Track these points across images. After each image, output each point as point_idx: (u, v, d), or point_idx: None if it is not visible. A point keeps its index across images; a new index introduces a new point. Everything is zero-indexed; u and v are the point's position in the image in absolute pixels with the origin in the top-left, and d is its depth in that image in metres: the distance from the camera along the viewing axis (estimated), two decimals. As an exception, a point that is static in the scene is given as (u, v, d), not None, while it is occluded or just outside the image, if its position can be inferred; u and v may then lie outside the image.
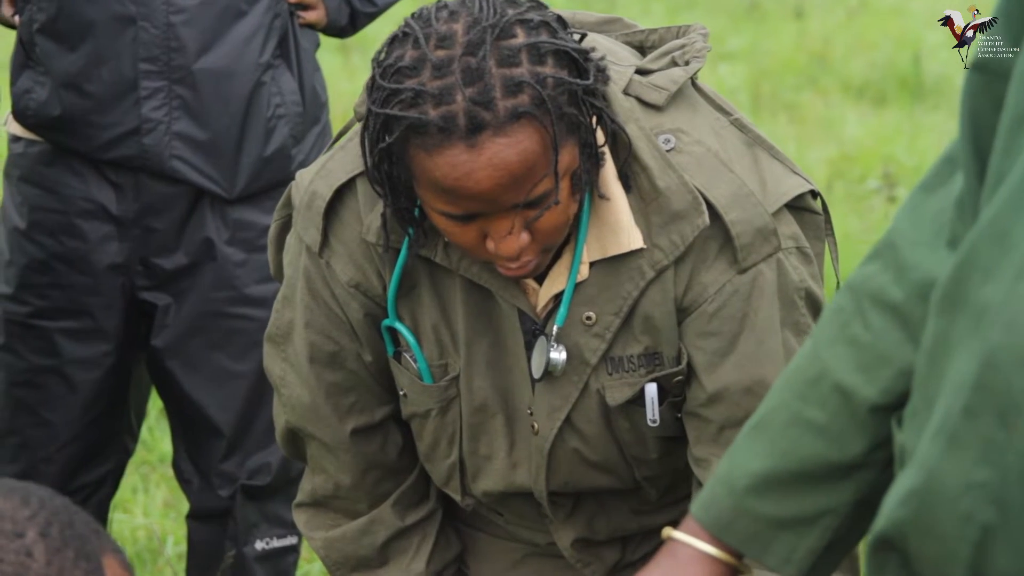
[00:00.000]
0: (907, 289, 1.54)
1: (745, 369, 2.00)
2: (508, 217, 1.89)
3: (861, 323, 1.58)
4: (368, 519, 2.23)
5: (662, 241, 1.99)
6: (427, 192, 1.89)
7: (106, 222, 2.81)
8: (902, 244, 1.56)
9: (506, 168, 1.84)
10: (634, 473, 2.12)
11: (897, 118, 6.47)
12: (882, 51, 7.17)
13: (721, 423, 2.02)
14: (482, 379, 2.09)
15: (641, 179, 1.99)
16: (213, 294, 2.86)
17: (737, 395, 2.01)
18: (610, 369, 2.04)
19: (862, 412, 1.57)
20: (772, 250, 2.00)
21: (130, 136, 2.74)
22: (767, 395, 1.69)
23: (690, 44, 2.07)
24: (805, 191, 2.04)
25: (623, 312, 2.01)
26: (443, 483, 2.20)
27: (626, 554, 2.24)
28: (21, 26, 2.80)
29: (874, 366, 1.57)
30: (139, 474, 3.86)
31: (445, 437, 2.14)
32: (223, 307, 2.87)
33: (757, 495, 1.64)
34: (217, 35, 2.71)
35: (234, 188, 2.81)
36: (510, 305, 2.04)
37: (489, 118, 1.82)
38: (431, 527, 2.26)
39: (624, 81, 2.02)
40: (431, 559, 2.25)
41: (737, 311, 2.00)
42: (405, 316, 2.09)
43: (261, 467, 2.96)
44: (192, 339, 2.88)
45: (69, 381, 2.88)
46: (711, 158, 2.02)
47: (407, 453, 2.23)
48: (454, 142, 1.83)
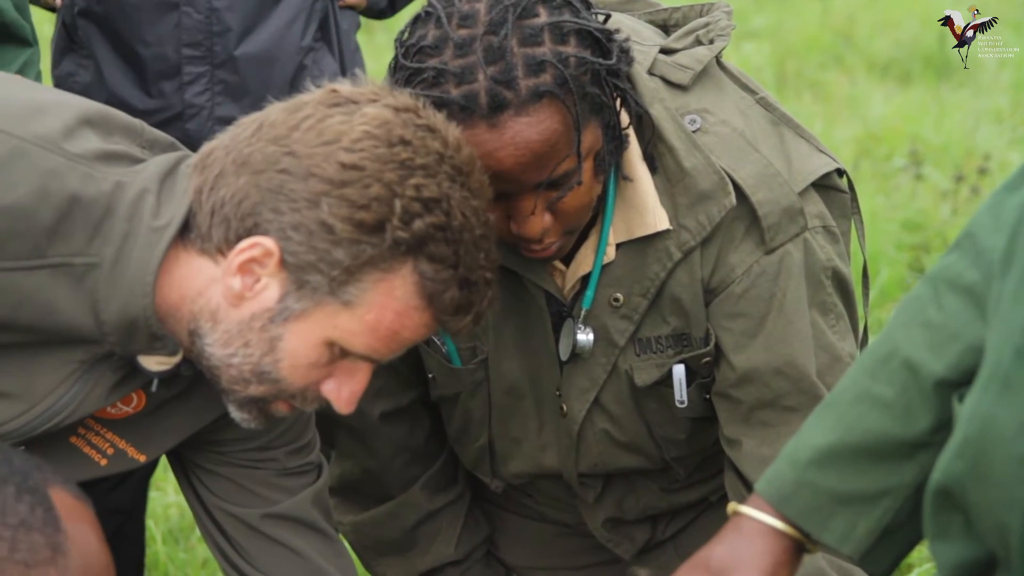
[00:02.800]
0: (983, 270, 1.55)
1: (774, 349, 2.01)
2: (530, 197, 1.89)
3: (936, 306, 1.59)
4: (397, 502, 2.25)
5: (689, 222, 1.99)
6: None
7: None
8: (980, 233, 1.57)
9: (528, 147, 1.84)
10: (663, 453, 2.13)
11: (923, 96, 6.46)
12: (907, 29, 7.15)
13: (751, 404, 2.03)
14: (511, 362, 2.10)
15: (667, 160, 1.99)
16: None
17: (767, 375, 2.01)
18: (638, 350, 2.05)
19: (928, 387, 1.58)
20: (799, 230, 2.01)
21: (173, 121, 2.76)
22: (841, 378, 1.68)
23: (714, 22, 2.08)
24: (831, 170, 2.05)
25: (651, 293, 2.02)
26: (473, 466, 2.22)
27: (656, 533, 2.26)
28: (63, 9, 2.82)
29: (944, 343, 1.57)
30: (172, 452, 3.87)
31: (475, 420, 2.16)
32: None
33: (819, 468, 1.64)
34: (259, 19, 2.73)
35: None
36: (537, 287, 2.05)
37: (511, 97, 1.82)
38: (460, 510, 2.28)
39: (649, 61, 2.03)
40: (459, 542, 2.28)
41: (765, 292, 2.00)
42: None
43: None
44: None
45: None
46: (737, 138, 2.02)
47: (435, 437, 2.24)
48: (476, 121, 1.83)
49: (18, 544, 1.23)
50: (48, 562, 1.25)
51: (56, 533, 1.26)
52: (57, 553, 1.25)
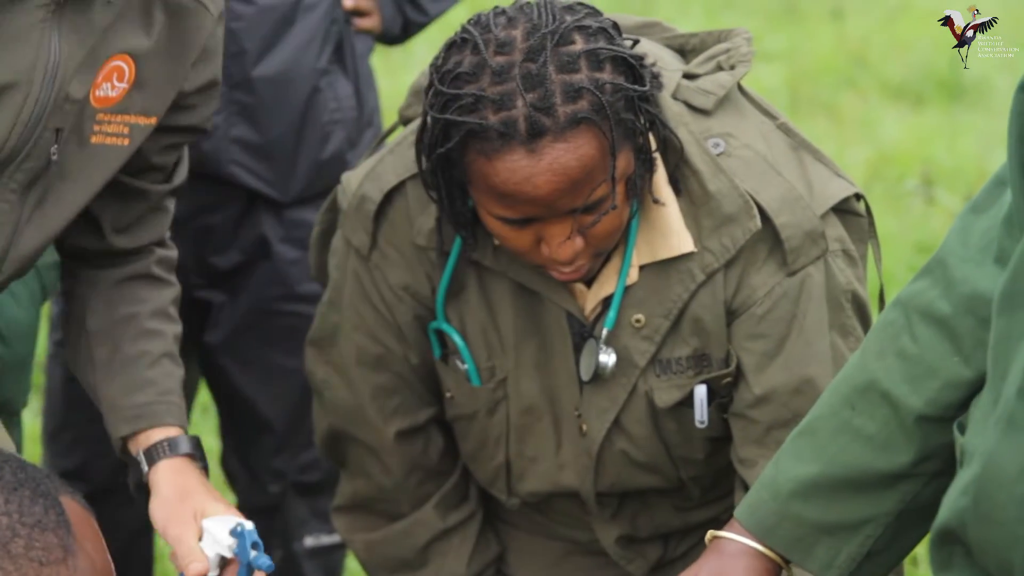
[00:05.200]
0: (955, 303, 1.58)
1: (793, 370, 2.02)
2: (564, 222, 1.91)
3: (909, 336, 1.62)
4: (410, 521, 2.25)
5: (713, 244, 2.01)
6: (484, 197, 1.91)
7: None
8: (951, 261, 1.60)
9: (565, 173, 1.86)
10: (679, 473, 2.14)
11: (935, 119, 6.46)
12: (920, 52, 7.15)
13: (768, 424, 2.04)
14: (530, 381, 2.11)
15: (692, 183, 2.02)
16: (267, 291, 2.89)
17: (785, 396, 2.03)
18: (659, 371, 2.06)
19: (909, 422, 1.61)
20: (820, 253, 2.02)
21: None
22: (814, 404, 1.72)
23: (735, 48, 2.10)
24: (850, 194, 2.06)
25: (672, 315, 2.03)
26: (489, 484, 2.23)
27: (668, 551, 2.27)
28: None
29: (921, 377, 1.60)
30: (183, 468, 3.87)
31: (492, 439, 2.16)
32: (276, 304, 2.90)
33: (802, 500, 1.68)
34: (275, 41, 2.74)
35: (289, 193, 2.84)
36: (559, 308, 2.06)
37: (549, 123, 1.85)
38: (471, 529, 2.28)
39: (672, 86, 2.05)
40: (471, 560, 2.28)
41: (786, 313, 2.02)
42: (453, 318, 2.11)
43: (312, 463, 2.98)
44: (245, 336, 2.91)
45: None
46: (760, 162, 2.04)
47: (449, 455, 2.25)
48: (514, 147, 1.85)
49: (33, 542, 1.27)
50: (60, 562, 1.28)
51: (68, 536, 1.29)
52: (69, 554, 1.29)
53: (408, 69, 5.97)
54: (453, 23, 2.23)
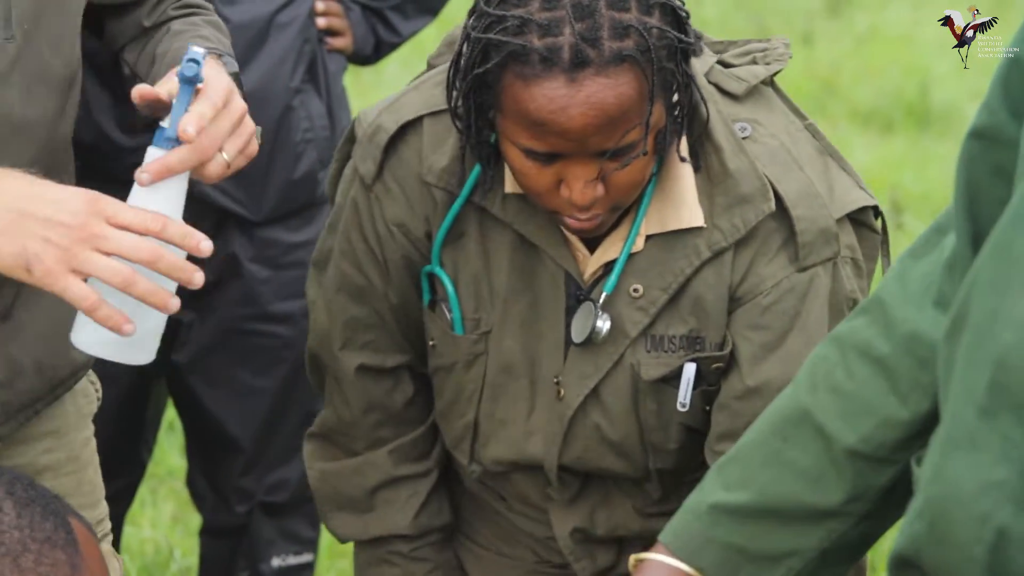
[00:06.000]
0: (893, 343, 1.60)
1: (789, 367, 1.99)
2: (589, 163, 1.89)
3: (844, 372, 1.63)
4: (363, 459, 2.24)
5: (723, 223, 2.00)
6: (514, 126, 1.89)
7: None
8: (890, 302, 1.61)
9: (602, 109, 1.85)
10: (647, 461, 2.12)
11: (904, 146, 6.50)
12: (890, 78, 7.20)
13: (751, 419, 1.99)
14: (513, 339, 2.09)
15: (712, 159, 2.01)
16: (236, 310, 2.88)
17: (776, 391, 1.96)
18: (649, 347, 2.05)
19: (841, 458, 1.62)
20: (831, 254, 2.01)
21: None
22: (744, 433, 1.73)
23: (772, 48, 2.11)
24: (869, 205, 2.05)
25: (672, 289, 2.02)
26: (454, 444, 2.20)
27: (620, 562, 2.24)
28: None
29: (855, 414, 1.62)
30: (147, 487, 3.87)
31: (465, 394, 2.14)
32: (246, 323, 2.89)
33: (727, 526, 1.69)
34: (249, 59, 2.73)
35: (261, 212, 2.83)
36: (558, 266, 2.05)
37: (594, 56, 1.83)
38: (423, 486, 2.26)
39: (705, 68, 2.05)
40: (416, 517, 2.26)
41: (790, 308, 2.00)
42: (447, 264, 2.09)
43: (279, 483, 2.97)
44: (214, 355, 2.90)
45: None
46: (784, 153, 2.03)
47: (415, 407, 2.23)
48: (555, 74, 1.84)
49: (43, 558, 1.28)
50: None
51: (76, 554, 1.30)
52: (76, 572, 1.29)
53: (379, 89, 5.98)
54: (425, 43, 2.23)
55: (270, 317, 2.89)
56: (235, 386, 2.91)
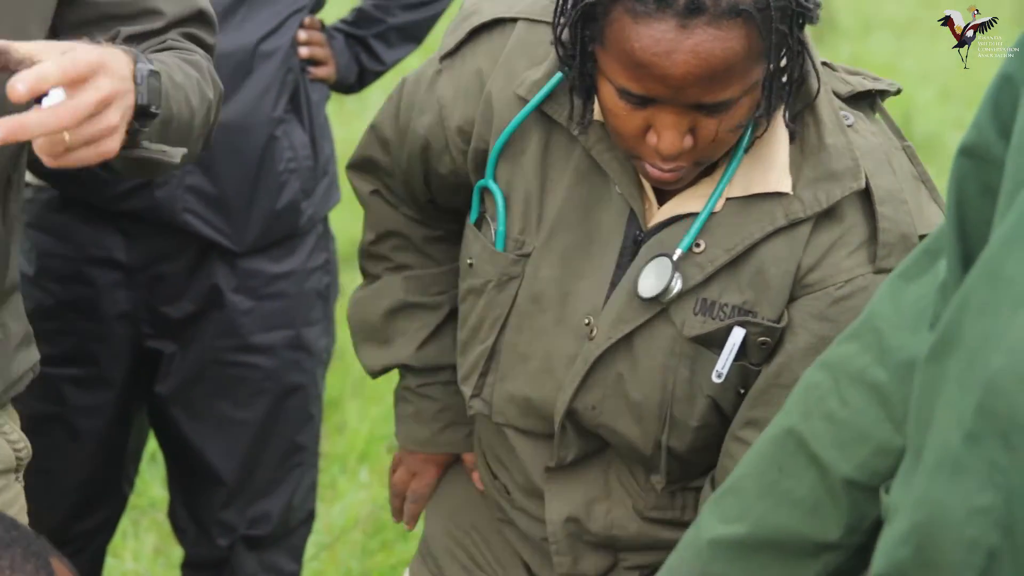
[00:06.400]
0: (890, 370, 1.58)
1: None
2: (682, 114, 1.85)
3: (838, 400, 1.61)
4: (382, 281, 2.30)
5: (806, 194, 1.96)
6: (614, 63, 1.85)
7: (114, 269, 2.81)
8: (884, 328, 1.59)
9: (707, 60, 1.80)
10: (662, 434, 2.05)
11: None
12: (873, 108, 7.20)
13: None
14: (550, 269, 2.05)
15: (810, 131, 1.97)
16: (218, 342, 2.86)
17: None
18: (698, 309, 1.99)
19: (837, 488, 1.60)
20: None
21: (142, 189, 2.74)
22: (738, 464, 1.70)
23: (880, 79, 2.08)
24: None
25: (735, 251, 1.97)
26: (466, 375, 2.17)
27: None
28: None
29: (851, 442, 1.59)
30: (129, 519, 3.85)
31: (490, 318, 2.11)
32: (228, 355, 2.87)
33: (725, 560, 1.67)
34: (232, 90, 2.72)
35: (244, 242, 2.82)
36: (624, 204, 2.01)
37: (710, 4, 1.80)
38: (433, 318, 2.29)
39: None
40: (421, 347, 2.30)
41: (859, 306, 1.94)
42: (501, 179, 2.07)
43: (261, 516, 2.95)
44: (196, 386, 2.88)
45: (72, 429, 2.87)
46: (882, 154, 1.99)
47: (436, 245, 2.27)
48: (667, 17, 1.80)
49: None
50: None
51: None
52: None
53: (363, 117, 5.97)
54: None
55: (252, 348, 2.87)
56: (217, 418, 2.89)
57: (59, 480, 2.88)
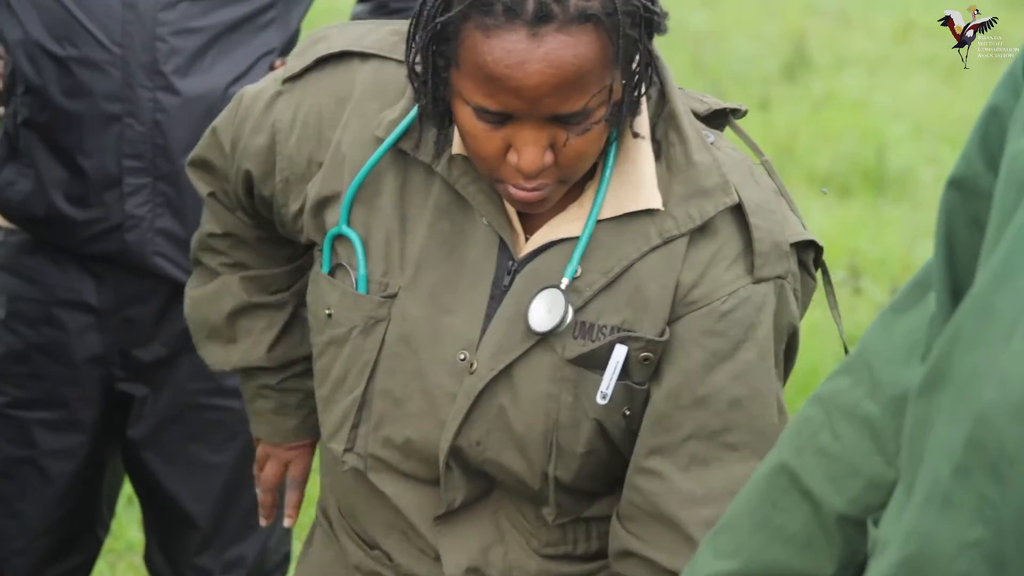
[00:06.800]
0: (883, 404, 1.57)
1: (742, 378, 1.94)
2: (540, 129, 1.84)
3: (830, 434, 1.59)
4: (219, 282, 2.25)
5: (679, 212, 1.95)
6: (469, 82, 1.84)
7: (85, 313, 2.80)
8: (876, 362, 1.58)
9: (560, 68, 1.80)
10: (548, 465, 2.00)
11: (861, 210, 6.52)
12: (846, 143, 7.24)
13: (690, 432, 1.96)
14: (419, 308, 2.00)
15: (675, 150, 1.96)
16: (190, 385, 2.85)
17: (723, 404, 1.95)
18: (577, 332, 1.97)
19: (830, 522, 1.58)
20: (783, 272, 1.96)
21: (112, 232, 2.73)
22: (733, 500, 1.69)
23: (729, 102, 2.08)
24: (813, 244, 2.00)
25: (613, 273, 1.95)
26: (334, 430, 2.08)
27: None
28: (6, 118, 2.79)
29: (843, 476, 1.58)
30: (106, 562, 3.83)
31: (357, 366, 2.04)
32: (200, 398, 2.86)
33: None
34: (201, 133, 2.70)
35: None
36: (492, 233, 1.98)
37: (558, 11, 1.79)
38: (279, 318, 2.25)
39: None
40: (272, 347, 2.25)
41: (746, 318, 1.94)
42: (357, 223, 2.03)
43: (237, 560, 2.93)
44: (168, 430, 2.86)
45: (44, 472, 2.85)
46: (745, 168, 2.00)
47: (272, 245, 2.22)
48: (517, 27, 1.79)
49: None
50: None
51: None
52: None
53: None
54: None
55: (224, 391, 2.85)
56: (190, 462, 2.88)
57: (31, 523, 2.86)
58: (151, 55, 2.67)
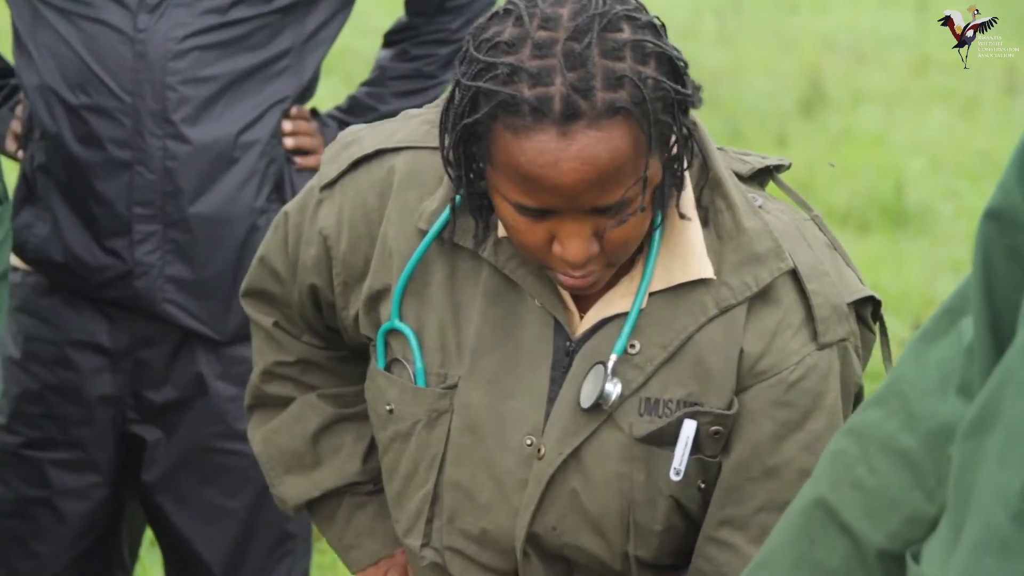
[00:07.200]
0: (919, 437, 1.53)
1: (812, 448, 1.91)
2: (582, 220, 1.81)
3: (867, 468, 1.56)
4: (299, 404, 2.17)
5: (733, 280, 1.91)
6: (504, 180, 1.82)
7: (99, 354, 2.81)
8: (910, 392, 1.54)
9: (594, 163, 1.76)
10: (627, 544, 1.98)
11: (880, 245, 6.50)
12: (864, 179, 7.21)
13: (761, 504, 1.94)
14: (480, 396, 1.97)
15: (724, 216, 1.93)
16: (204, 429, 2.84)
17: (793, 475, 1.92)
18: (643, 410, 1.94)
19: (871, 557, 1.55)
20: (845, 334, 1.94)
21: (122, 279, 2.74)
22: (768, 538, 1.66)
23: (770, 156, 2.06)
24: (872, 299, 1.98)
25: (672, 347, 1.92)
26: (408, 526, 2.05)
27: None
28: (24, 161, 2.82)
29: (881, 511, 1.55)
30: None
31: (425, 460, 2.01)
32: (214, 442, 2.85)
33: None
34: (211, 181, 2.72)
35: (225, 331, 2.80)
36: (547, 315, 1.95)
37: (586, 107, 1.75)
38: (366, 429, 2.17)
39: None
40: (366, 460, 2.18)
41: (814, 387, 1.91)
42: (409, 317, 2.00)
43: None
44: (182, 474, 2.86)
45: (59, 512, 2.85)
46: (794, 230, 1.96)
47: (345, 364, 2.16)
48: (545, 127, 1.75)
49: None
50: None
51: None
52: None
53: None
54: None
55: (238, 435, 2.84)
56: (204, 506, 2.87)
57: (47, 565, 2.86)
58: (161, 103, 2.68)
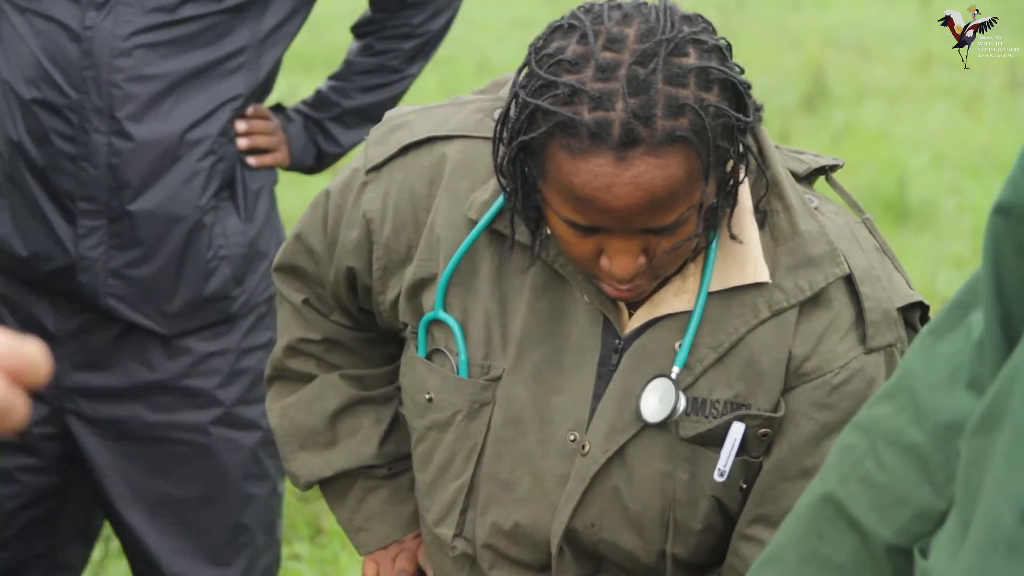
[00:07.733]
0: (928, 432, 1.51)
1: None
2: (632, 239, 1.80)
3: (875, 462, 1.55)
4: (319, 382, 2.16)
5: (786, 283, 1.91)
6: (557, 197, 1.80)
7: (42, 338, 2.78)
8: (919, 387, 1.52)
9: (649, 190, 1.75)
10: (665, 542, 1.97)
11: (882, 242, 6.45)
12: (867, 175, 7.18)
13: (795, 501, 1.87)
14: (524, 389, 1.95)
15: (780, 218, 1.91)
16: (148, 418, 2.83)
17: None
18: (690, 409, 1.92)
19: (879, 552, 1.54)
20: (893, 340, 1.93)
21: (65, 272, 2.75)
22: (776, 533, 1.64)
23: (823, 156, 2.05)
24: (920, 305, 1.97)
25: (723, 348, 1.91)
26: (441, 516, 2.05)
27: None
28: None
29: (890, 506, 1.53)
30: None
31: (463, 451, 2.00)
32: (158, 431, 2.84)
33: None
34: (156, 177, 2.72)
35: (170, 326, 2.80)
36: (596, 312, 1.93)
37: (645, 134, 1.73)
38: (385, 412, 2.17)
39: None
40: (382, 443, 2.17)
41: (857, 390, 1.90)
42: (454, 307, 1.98)
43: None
44: (129, 465, 2.85)
45: None
46: (848, 233, 1.95)
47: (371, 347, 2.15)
48: (603, 151, 1.73)
49: None
50: None
51: None
52: None
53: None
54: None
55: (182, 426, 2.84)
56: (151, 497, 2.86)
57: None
58: (107, 100, 2.69)
